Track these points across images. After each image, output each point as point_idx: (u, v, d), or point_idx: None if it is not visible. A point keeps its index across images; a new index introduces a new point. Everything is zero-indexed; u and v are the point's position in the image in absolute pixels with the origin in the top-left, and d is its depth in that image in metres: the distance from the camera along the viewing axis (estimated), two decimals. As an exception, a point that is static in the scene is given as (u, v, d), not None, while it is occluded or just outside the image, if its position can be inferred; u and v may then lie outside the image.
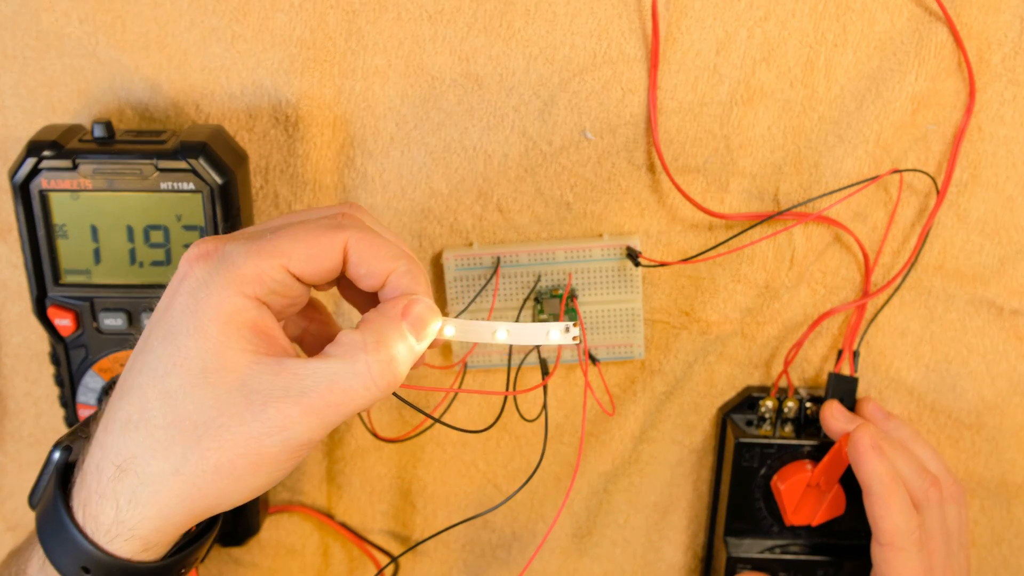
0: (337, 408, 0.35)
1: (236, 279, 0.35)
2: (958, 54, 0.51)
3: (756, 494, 0.56)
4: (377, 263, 0.38)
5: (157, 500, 0.35)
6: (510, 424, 0.59)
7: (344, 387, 0.35)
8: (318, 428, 0.35)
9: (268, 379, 0.35)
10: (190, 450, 0.34)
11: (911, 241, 0.55)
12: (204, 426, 0.34)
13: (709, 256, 0.54)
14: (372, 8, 0.50)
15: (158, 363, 0.35)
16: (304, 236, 0.37)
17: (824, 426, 0.54)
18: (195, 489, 0.35)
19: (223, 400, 0.34)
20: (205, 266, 0.36)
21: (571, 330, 0.39)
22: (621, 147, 0.53)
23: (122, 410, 0.36)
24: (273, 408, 0.34)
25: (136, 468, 0.35)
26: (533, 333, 0.39)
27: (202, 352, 0.35)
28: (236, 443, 0.34)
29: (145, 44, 0.51)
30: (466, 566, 0.62)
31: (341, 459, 0.59)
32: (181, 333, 0.35)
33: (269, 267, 0.36)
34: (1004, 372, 0.57)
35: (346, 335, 0.37)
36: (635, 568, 0.62)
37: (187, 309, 0.35)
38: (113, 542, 0.36)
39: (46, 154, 0.47)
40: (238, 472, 0.35)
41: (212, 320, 0.35)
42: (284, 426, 0.34)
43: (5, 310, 0.56)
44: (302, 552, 0.62)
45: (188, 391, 0.35)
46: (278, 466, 0.36)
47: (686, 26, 0.51)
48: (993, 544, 0.61)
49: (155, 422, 0.35)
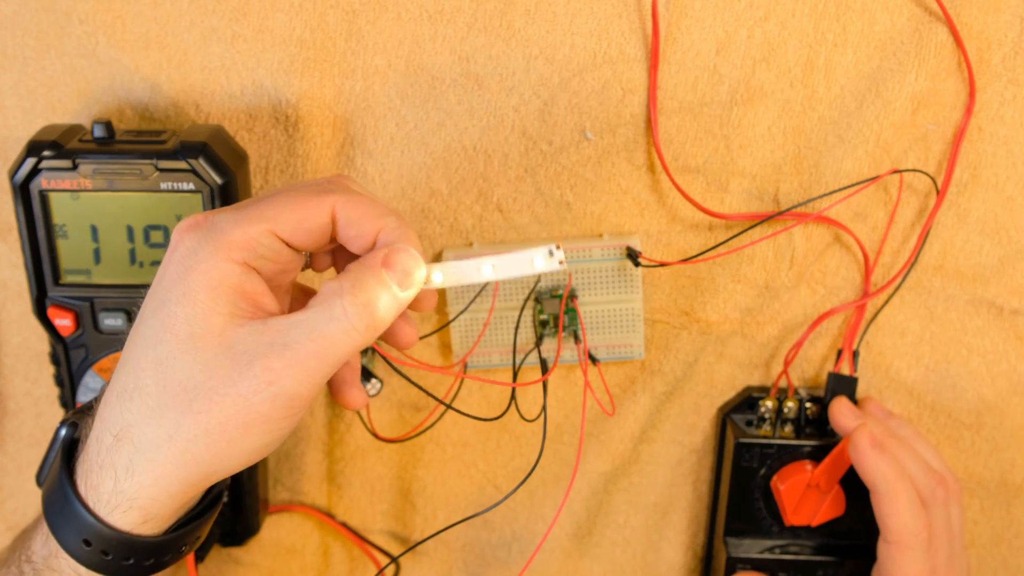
0: (320, 357, 0.36)
1: (224, 245, 0.36)
2: (958, 54, 0.51)
3: (756, 494, 0.56)
4: (365, 222, 0.38)
5: (153, 468, 0.36)
6: (510, 424, 0.59)
7: (324, 334, 0.36)
8: (305, 380, 0.35)
9: (253, 339, 0.35)
10: (182, 415, 0.35)
11: (911, 241, 0.55)
12: (194, 391, 0.35)
13: (709, 256, 0.54)
14: (372, 8, 0.50)
15: (150, 332, 0.36)
16: (291, 201, 0.37)
17: (832, 423, 0.54)
18: (189, 454, 0.35)
19: (211, 364, 0.35)
20: (194, 235, 0.37)
21: (555, 253, 0.39)
22: (621, 147, 0.53)
23: (119, 381, 0.37)
24: (258, 365, 0.35)
25: (132, 437, 0.36)
26: (518, 262, 0.39)
27: (190, 318, 0.35)
28: (225, 404, 0.35)
29: (145, 44, 0.51)
30: (466, 566, 0.62)
31: (341, 459, 0.59)
32: (171, 301, 0.36)
33: (257, 232, 0.36)
34: (1004, 372, 0.57)
35: (326, 285, 0.37)
36: (635, 568, 0.62)
37: (176, 277, 0.36)
38: (113, 513, 0.36)
39: (46, 154, 0.47)
40: (230, 434, 0.35)
41: (200, 286, 0.36)
42: (270, 380, 0.35)
43: (5, 310, 0.56)
44: (302, 552, 0.62)
45: (178, 357, 0.35)
46: (270, 425, 0.36)
47: (686, 26, 0.51)
48: (992, 544, 0.61)
49: (148, 390, 0.36)
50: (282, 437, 0.37)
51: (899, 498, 0.49)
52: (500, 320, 0.55)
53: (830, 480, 0.53)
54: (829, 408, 0.55)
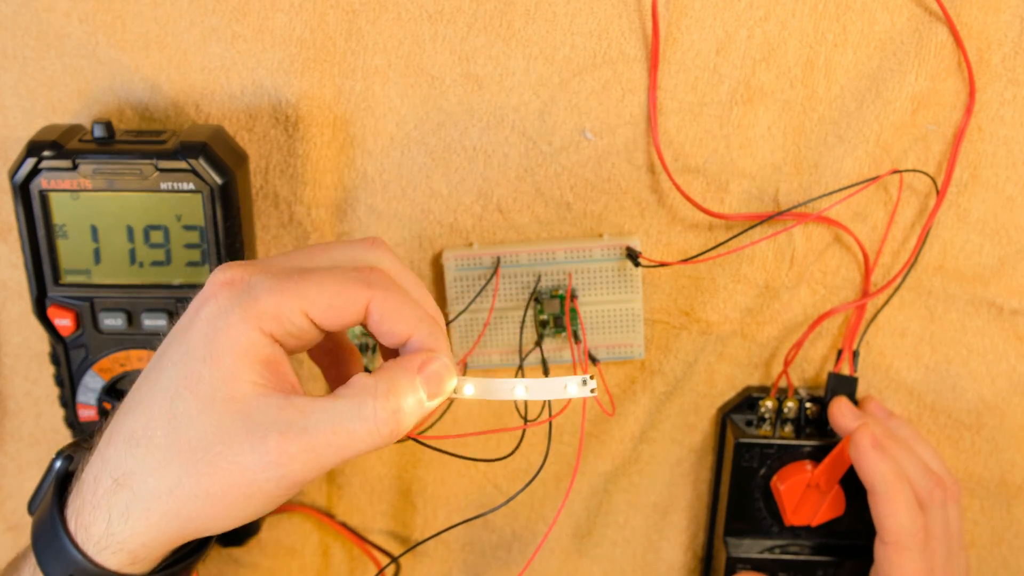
0: (336, 449, 0.35)
1: (257, 314, 0.36)
2: (958, 54, 0.51)
3: (756, 494, 0.56)
4: (399, 325, 0.38)
5: (148, 517, 0.36)
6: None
7: (347, 429, 0.35)
8: (314, 468, 0.35)
9: (272, 412, 0.35)
10: (186, 473, 0.35)
11: (911, 241, 0.55)
12: (203, 451, 0.35)
13: (709, 256, 0.54)
14: (372, 8, 0.50)
15: (168, 384, 0.36)
16: (330, 285, 0.37)
17: (832, 423, 0.54)
18: (186, 511, 0.35)
19: (225, 428, 0.35)
20: (229, 294, 0.36)
21: (588, 383, 0.40)
22: (621, 147, 0.53)
23: (127, 425, 0.36)
24: (273, 441, 0.35)
25: (132, 484, 0.36)
26: (551, 388, 0.40)
27: (213, 380, 0.35)
28: (231, 472, 0.35)
29: (145, 44, 0.51)
30: (466, 566, 0.62)
31: (341, 459, 0.59)
32: (196, 358, 0.36)
33: (290, 310, 0.36)
34: (1004, 372, 0.57)
35: (359, 379, 0.37)
36: (635, 568, 0.62)
37: (205, 335, 0.36)
38: (101, 553, 0.36)
39: (46, 154, 0.47)
40: (229, 500, 0.35)
41: (228, 351, 0.35)
42: (280, 462, 0.35)
43: (5, 310, 0.56)
44: (302, 552, 0.62)
45: (194, 415, 0.35)
46: (269, 500, 0.36)
47: (686, 26, 0.51)
48: (993, 544, 0.61)
49: (157, 441, 0.35)
50: (274, 507, 0.37)
51: (896, 499, 0.49)
52: (500, 320, 0.55)
53: (830, 480, 0.53)
54: (829, 408, 0.55)
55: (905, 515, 0.49)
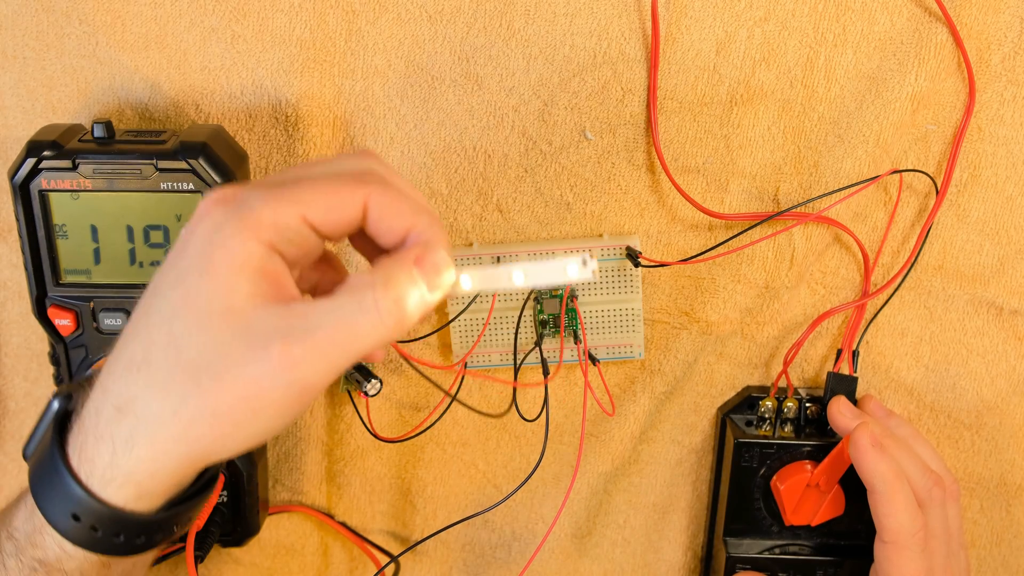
0: (343, 348, 0.34)
1: (252, 224, 0.35)
2: (958, 54, 0.51)
3: (756, 494, 0.56)
4: (398, 220, 0.37)
5: (153, 442, 0.34)
6: (510, 424, 0.59)
7: (350, 324, 0.34)
8: (323, 369, 0.34)
9: (272, 321, 0.34)
10: (190, 392, 0.34)
11: (911, 241, 0.55)
12: (206, 368, 0.34)
13: (709, 256, 0.54)
14: (372, 8, 0.50)
15: (166, 305, 0.35)
16: (325, 187, 0.36)
17: (831, 422, 0.54)
18: (192, 432, 0.34)
19: (226, 343, 0.34)
20: (222, 210, 0.35)
21: (588, 263, 0.38)
22: (621, 147, 0.53)
23: (126, 352, 0.35)
24: (276, 348, 0.33)
25: (135, 409, 0.34)
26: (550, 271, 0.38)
27: (210, 294, 0.34)
28: (236, 385, 0.33)
29: (145, 44, 0.51)
30: (466, 566, 0.62)
31: (341, 459, 0.59)
32: (192, 275, 0.35)
33: (287, 215, 0.35)
34: (1004, 372, 0.57)
35: (356, 276, 0.36)
36: (635, 568, 0.62)
37: (200, 252, 0.35)
38: (107, 487, 0.35)
39: (46, 154, 0.47)
40: (237, 416, 0.34)
41: (224, 263, 0.34)
42: (287, 367, 0.33)
43: (5, 310, 0.56)
44: (302, 552, 0.62)
45: (193, 334, 0.34)
46: (279, 412, 0.34)
47: (686, 26, 0.51)
48: (992, 544, 0.61)
49: (157, 364, 0.34)
50: (288, 424, 0.36)
51: (896, 498, 0.49)
52: (500, 320, 0.55)
53: (830, 480, 0.53)
54: (828, 407, 0.55)
55: (904, 514, 0.49)
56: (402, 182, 0.39)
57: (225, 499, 0.54)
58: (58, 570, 0.37)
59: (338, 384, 0.57)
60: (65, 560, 0.37)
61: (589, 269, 0.38)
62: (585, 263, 0.38)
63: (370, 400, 0.57)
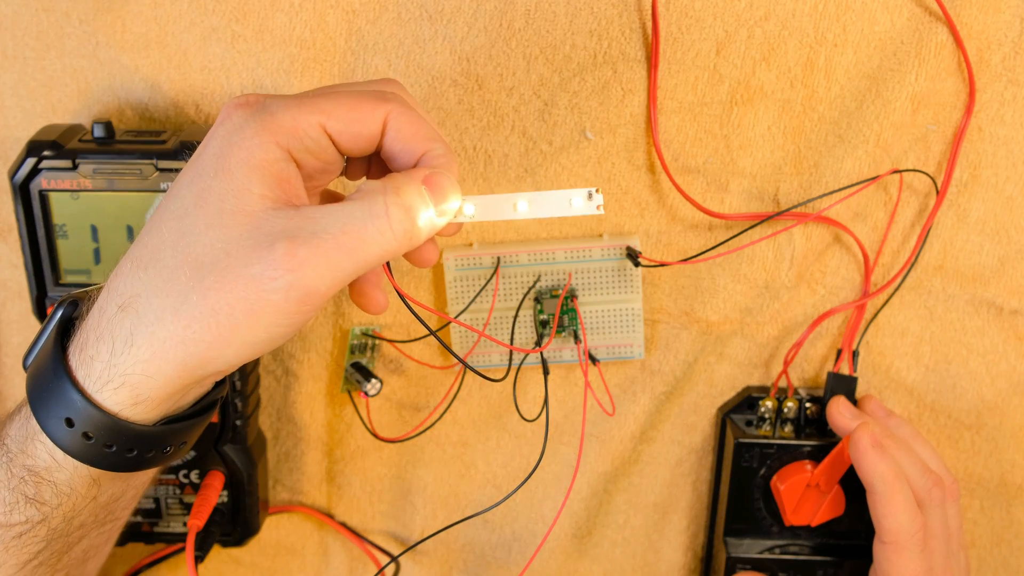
0: (350, 253, 0.34)
1: (272, 127, 0.35)
2: (958, 54, 0.51)
3: (756, 494, 0.56)
4: (414, 141, 0.37)
5: (152, 342, 0.34)
6: (510, 424, 0.59)
7: (359, 228, 0.34)
8: (327, 275, 0.33)
9: (281, 222, 0.34)
10: (191, 289, 0.33)
11: (911, 241, 0.55)
12: (210, 266, 0.33)
13: (709, 256, 0.54)
14: (372, 8, 0.50)
15: (179, 204, 0.35)
16: (347, 99, 0.36)
17: (830, 422, 0.54)
18: (191, 332, 0.34)
19: (233, 241, 0.33)
20: (243, 112, 0.35)
21: (594, 196, 0.38)
22: (621, 147, 0.53)
23: (136, 251, 0.35)
24: (280, 247, 0.33)
25: (137, 306, 0.34)
26: (556, 202, 0.38)
27: (223, 193, 0.34)
28: (237, 284, 0.33)
29: (145, 44, 0.51)
30: (466, 566, 0.62)
31: (341, 459, 0.59)
32: (207, 174, 0.35)
33: (307, 122, 0.35)
34: (1004, 372, 0.57)
35: (366, 183, 0.36)
36: (635, 568, 0.62)
37: (217, 152, 0.35)
38: (103, 390, 0.35)
39: (46, 154, 0.47)
40: (236, 318, 0.33)
41: (240, 163, 0.34)
42: (290, 267, 0.33)
43: (5, 310, 0.56)
44: (302, 552, 0.62)
45: (202, 231, 0.34)
46: (278, 318, 0.34)
47: (686, 26, 0.51)
48: (993, 545, 0.61)
49: (164, 262, 0.34)
50: (287, 335, 0.35)
51: (895, 499, 0.49)
52: (500, 320, 0.55)
53: (830, 480, 0.53)
54: (827, 407, 0.55)
55: (903, 514, 0.49)
56: (421, 109, 0.39)
57: (225, 499, 0.54)
58: (47, 481, 0.37)
59: (338, 384, 0.57)
60: (55, 470, 0.36)
61: (595, 203, 0.38)
62: (591, 196, 0.37)
63: (370, 400, 0.57)
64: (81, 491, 0.37)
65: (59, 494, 0.37)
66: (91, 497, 0.38)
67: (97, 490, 0.38)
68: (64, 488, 0.37)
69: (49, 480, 0.37)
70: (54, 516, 0.37)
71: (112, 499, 0.40)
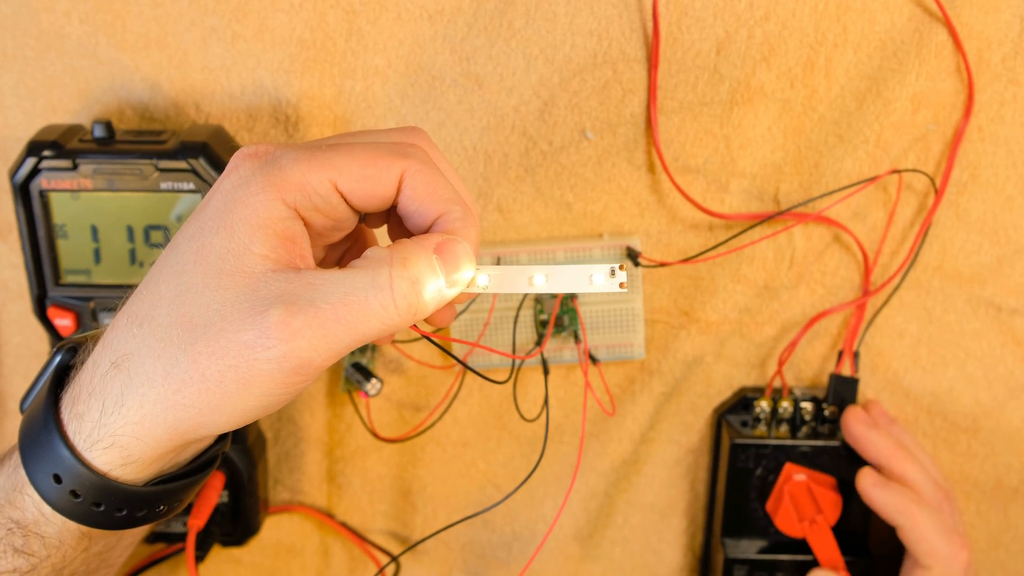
0: (349, 326, 0.32)
1: (279, 183, 0.33)
2: (958, 54, 0.51)
3: (752, 495, 0.56)
4: (430, 203, 0.34)
5: (142, 404, 0.33)
6: (510, 424, 0.59)
7: (360, 300, 0.32)
8: (322, 348, 0.31)
9: (279, 286, 0.32)
10: (183, 352, 0.32)
11: (910, 241, 0.55)
12: (203, 328, 0.32)
13: (709, 256, 0.54)
14: (372, 8, 0.50)
15: (179, 260, 0.33)
16: (361, 155, 0.34)
17: (844, 431, 0.54)
18: (180, 397, 0.32)
19: (229, 303, 0.32)
20: (252, 164, 0.33)
21: (617, 274, 0.34)
22: (621, 147, 0.53)
23: (132, 306, 0.34)
24: (275, 314, 0.31)
25: (129, 366, 0.33)
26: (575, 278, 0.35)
27: (223, 252, 0.32)
28: (229, 351, 0.31)
29: (145, 44, 0.51)
30: (466, 566, 0.62)
31: (341, 459, 0.59)
32: (209, 230, 0.33)
33: (316, 179, 0.33)
34: (1001, 376, 0.57)
35: (373, 250, 0.33)
36: (634, 568, 0.62)
37: (221, 207, 0.33)
38: (92, 448, 0.34)
39: (46, 154, 0.47)
40: (226, 386, 0.32)
41: (243, 220, 0.32)
42: (283, 337, 0.31)
43: (5, 310, 0.56)
44: (302, 552, 0.62)
45: (199, 289, 0.32)
46: (270, 388, 0.32)
47: (686, 26, 0.51)
48: (990, 548, 0.61)
49: (159, 320, 0.33)
50: (282, 403, 0.33)
51: (920, 524, 0.50)
52: (500, 320, 0.55)
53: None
54: (843, 418, 0.54)
55: (935, 535, 0.49)
56: (446, 165, 0.37)
57: (225, 499, 0.54)
58: (35, 534, 0.35)
59: (338, 384, 0.57)
60: (43, 523, 0.35)
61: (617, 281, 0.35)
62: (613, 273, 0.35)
63: (370, 400, 0.57)
64: (71, 543, 0.36)
65: (48, 546, 0.36)
66: (82, 548, 0.37)
67: (88, 542, 0.37)
68: (53, 541, 0.36)
69: (37, 534, 0.36)
70: (43, 566, 0.36)
71: (106, 548, 0.39)
